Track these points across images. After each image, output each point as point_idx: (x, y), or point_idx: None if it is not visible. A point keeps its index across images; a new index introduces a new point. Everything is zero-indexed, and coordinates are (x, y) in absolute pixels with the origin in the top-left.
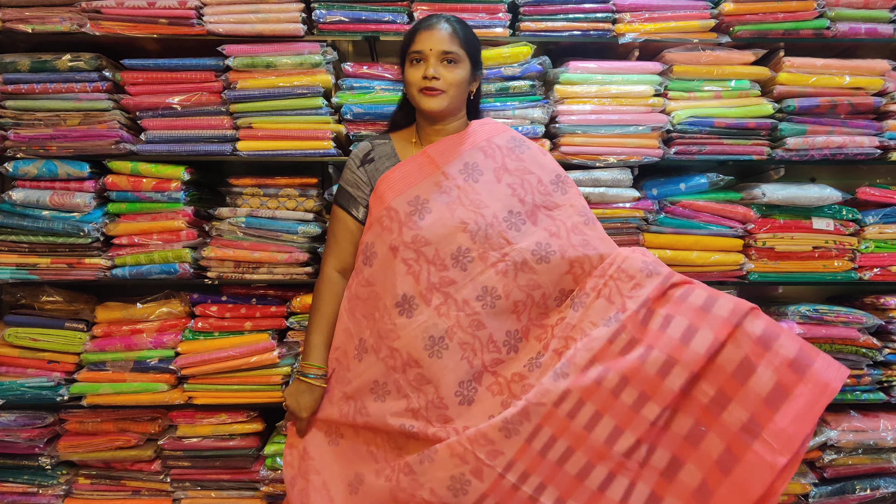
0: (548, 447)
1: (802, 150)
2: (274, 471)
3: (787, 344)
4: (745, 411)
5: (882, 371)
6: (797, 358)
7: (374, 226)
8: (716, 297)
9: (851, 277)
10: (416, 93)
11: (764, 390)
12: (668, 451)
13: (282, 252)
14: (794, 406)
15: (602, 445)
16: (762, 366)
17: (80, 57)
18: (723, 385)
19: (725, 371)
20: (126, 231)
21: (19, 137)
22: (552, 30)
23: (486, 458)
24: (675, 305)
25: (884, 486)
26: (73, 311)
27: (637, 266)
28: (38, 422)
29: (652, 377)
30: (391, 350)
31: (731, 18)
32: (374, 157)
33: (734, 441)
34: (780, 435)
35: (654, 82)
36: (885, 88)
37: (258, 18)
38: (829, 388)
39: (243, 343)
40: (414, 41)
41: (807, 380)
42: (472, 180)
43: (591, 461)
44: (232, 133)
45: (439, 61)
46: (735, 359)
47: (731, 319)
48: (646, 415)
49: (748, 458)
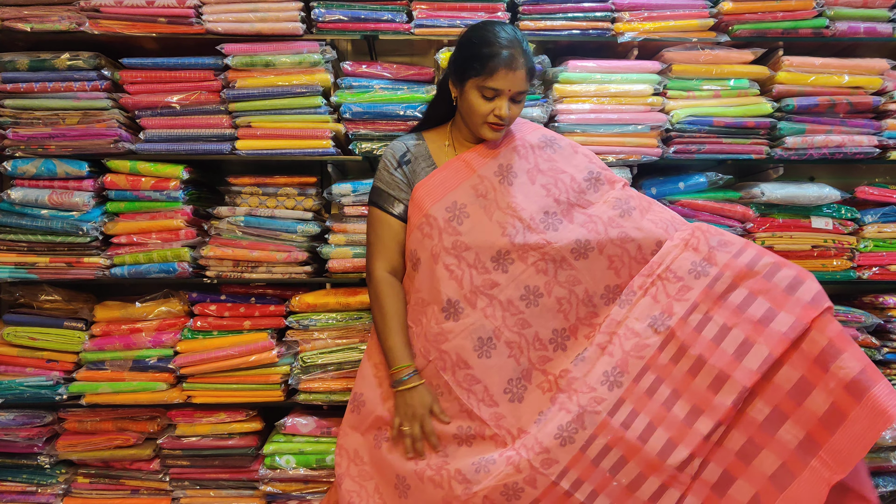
0: (601, 456)
1: (801, 150)
2: (273, 470)
3: (848, 365)
4: (802, 430)
5: (881, 370)
6: (856, 380)
7: (415, 232)
8: (779, 306)
9: (850, 276)
10: (480, 122)
11: (820, 410)
12: (720, 467)
13: (281, 251)
14: (851, 429)
15: (655, 458)
16: (819, 387)
17: (79, 56)
18: (778, 404)
19: (782, 389)
20: (125, 230)
21: (18, 136)
22: (551, 29)
23: (541, 467)
24: (733, 315)
25: (882, 485)
26: (71, 310)
27: (686, 268)
28: (36, 421)
29: (703, 392)
30: (440, 353)
31: (730, 17)
32: (410, 157)
33: (791, 458)
34: (837, 453)
35: (653, 81)
36: (883, 87)
37: (257, 17)
38: (889, 416)
39: (242, 342)
40: (493, 77)
41: (864, 403)
42: (507, 183)
43: (643, 472)
44: (231, 132)
45: (511, 99)
46: (792, 378)
47: (790, 335)
48: (699, 428)
49: (805, 475)
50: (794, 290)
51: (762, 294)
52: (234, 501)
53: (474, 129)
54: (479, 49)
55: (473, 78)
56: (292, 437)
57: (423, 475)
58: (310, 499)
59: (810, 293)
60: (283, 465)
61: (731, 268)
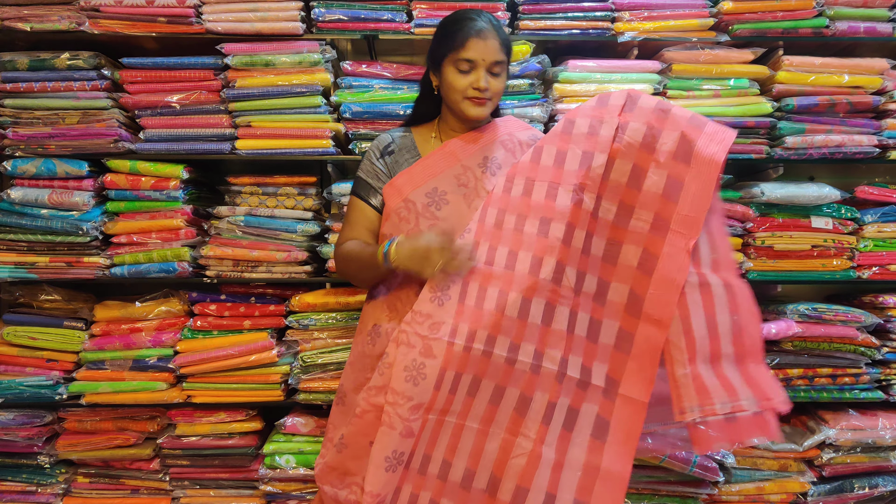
0: (481, 299)
1: (801, 149)
2: (273, 469)
3: (668, 139)
4: (650, 211)
5: (880, 370)
6: (679, 147)
7: (392, 217)
8: (596, 119)
9: (850, 276)
10: (460, 99)
11: (660, 188)
12: (595, 276)
13: (280, 251)
14: (689, 192)
15: (528, 277)
16: (651, 168)
17: (79, 55)
18: (623, 198)
19: (620, 184)
20: (125, 230)
21: (18, 136)
22: (551, 28)
23: (430, 333)
24: (555, 139)
25: (882, 485)
26: (71, 309)
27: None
28: (36, 420)
29: (543, 203)
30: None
31: (730, 17)
32: (394, 149)
33: (648, 241)
34: (684, 221)
35: (653, 81)
36: (883, 87)
37: (257, 17)
38: (714, 162)
39: (242, 342)
40: (465, 47)
41: (693, 163)
42: (491, 173)
43: (525, 297)
44: (231, 132)
45: (488, 71)
46: (625, 170)
47: (601, 132)
48: (555, 234)
49: (665, 250)
50: (605, 103)
51: (575, 115)
52: (233, 501)
53: (457, 109)
54: (448, 29)
55: (448, 56)
56: (292, 436)
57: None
58: (309, 499)
59: (619, 99)
60: (283, 464)
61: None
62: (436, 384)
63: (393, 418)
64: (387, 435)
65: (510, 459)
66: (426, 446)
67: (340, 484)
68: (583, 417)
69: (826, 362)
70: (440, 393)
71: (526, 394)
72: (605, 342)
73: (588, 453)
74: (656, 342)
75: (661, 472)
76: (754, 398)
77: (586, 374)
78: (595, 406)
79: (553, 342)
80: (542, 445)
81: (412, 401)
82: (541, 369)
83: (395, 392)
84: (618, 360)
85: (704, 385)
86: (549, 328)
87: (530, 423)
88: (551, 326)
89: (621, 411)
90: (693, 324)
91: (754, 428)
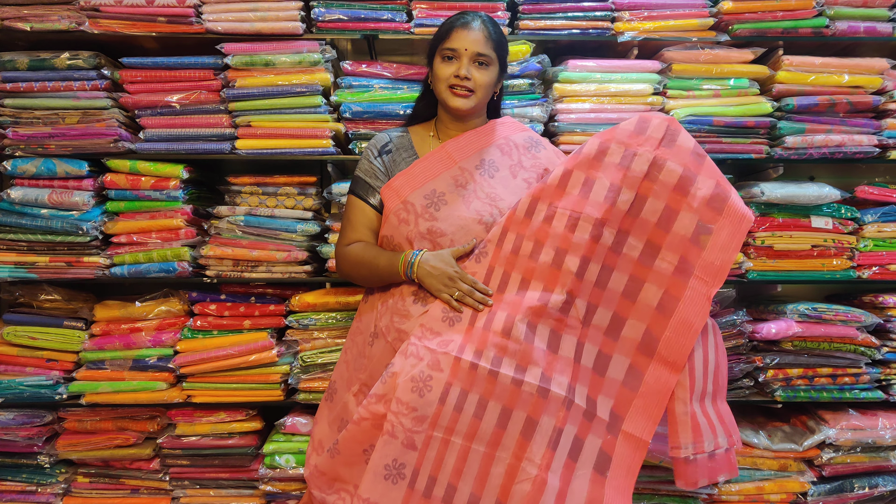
0: (490, 321)
1: (801, 149)
2: (272, 469)
3: (704, 185)
4: (676, 254)
5: (880, 369)
6: (714, 195)
7: (391, 218)
8: (628, 147)
9: (850, 276)
10: (444, 89)
11: (689, 231)
12: (610, 310)
13: (281, 251)
14: (719, 240)
15: (537, 305)
16: (683, 210)
17: (79, 55)
18: (650, 237)
19: (650, 222)
20: (125, 229)
21: (18, 136)
22: (551, 28)
23: (439, 348)
24: (582, 163)
25: (882, 485)
26: (71, 309)
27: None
28: (36, 420)
29: (562, 234)
30: (399, 332)
31: (730, 17)
32: (391, 148)
33: (671, 283)
34: (710, 268)
35: (653, 81)
36: (883, 87)
37: (257, 17)
38: (747, 218)
39: (242, 341)
40: (449, 37)
41: (726, 212)
42: (489, 175)
43: (532, 322)
44: (231, 131)
45: (472, 62)
46: (657, 209)
47: (630, 166)
48: (569, 267)
49: (686, 294)
50: (643, 131)
51: (610, 141)
52: (233, 501)
53: (441, 100)
54: (441, 26)
55: (436, 49)
56: (292, 436)
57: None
58: None
59: (659, 130)
60: (283, 464)
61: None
62: (440, 398)
63: (396, 427)
64: (388, 444)
65: (514, 485)
66: (432, 467)
67: (329, 489)
68: (587, 449)
69: (826, 362)
70: (444, 408)
71: (533, 417)
72: (612, 377)
73: (590, 485)
74: (667, 384)
75: (661, 472)
76: (725, 436)
77: (592, 405)
78: (599, 440)
79: (560, 368)
80: (548, 472)
81: (416, 412)
82: (549, 393)
83: (401, 402)
84: (624, 397)
85: (697, 423)
86: (556, 355)
87: (536, 447)
88: (558, 353)
89: (623, 448)
90: (696, 364)
91: (725, 465)
